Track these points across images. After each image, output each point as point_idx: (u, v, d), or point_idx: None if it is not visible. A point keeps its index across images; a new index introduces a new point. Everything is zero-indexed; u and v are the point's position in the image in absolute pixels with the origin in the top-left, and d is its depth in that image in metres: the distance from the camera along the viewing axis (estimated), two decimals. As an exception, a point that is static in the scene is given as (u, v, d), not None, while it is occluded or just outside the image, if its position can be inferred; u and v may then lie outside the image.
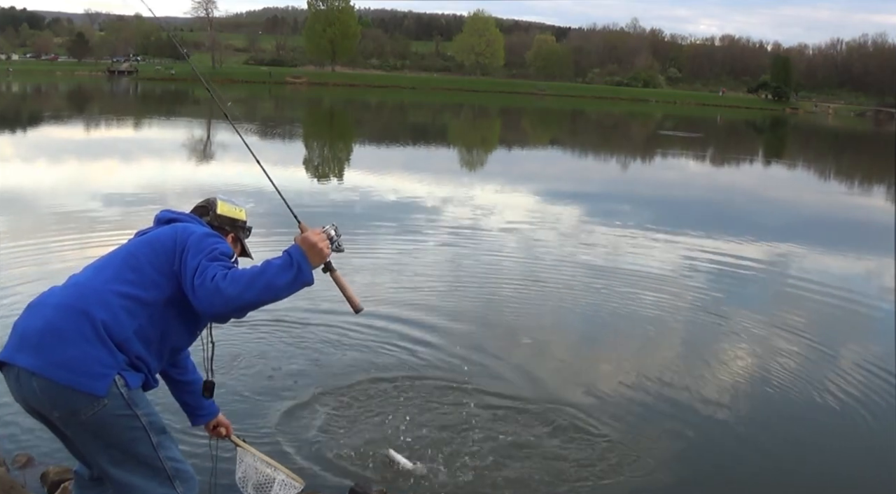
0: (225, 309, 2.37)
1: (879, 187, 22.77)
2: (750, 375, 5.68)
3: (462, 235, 10.29)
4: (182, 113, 38.32)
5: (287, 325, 6.00)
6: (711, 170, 25.46)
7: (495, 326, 6.49)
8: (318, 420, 4.45)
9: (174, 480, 2.55)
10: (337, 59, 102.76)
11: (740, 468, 4.28)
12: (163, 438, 2.55)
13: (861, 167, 30.98)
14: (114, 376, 2.39)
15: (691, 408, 5.00)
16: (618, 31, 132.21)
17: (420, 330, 6.13)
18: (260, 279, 2.34)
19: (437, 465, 4.02)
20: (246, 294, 2.33)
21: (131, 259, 2.55)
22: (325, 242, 2.44)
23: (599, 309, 7.18)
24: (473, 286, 7.70)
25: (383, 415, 4.55)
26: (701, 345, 6.35)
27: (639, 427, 4.65)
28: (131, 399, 2.44)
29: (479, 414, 4.63)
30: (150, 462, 2.50)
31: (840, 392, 5.39)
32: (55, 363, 2.34)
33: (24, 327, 2.43)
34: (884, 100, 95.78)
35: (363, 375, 5.14)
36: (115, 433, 2.44)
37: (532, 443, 4.33)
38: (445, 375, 5.23)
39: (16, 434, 4.07)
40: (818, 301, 7.93)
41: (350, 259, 8.36)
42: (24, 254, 7.82)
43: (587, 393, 5.09)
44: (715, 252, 10.05)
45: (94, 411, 2.38)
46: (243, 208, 2.93)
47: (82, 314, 2.38)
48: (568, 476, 4.01)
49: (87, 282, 2.50)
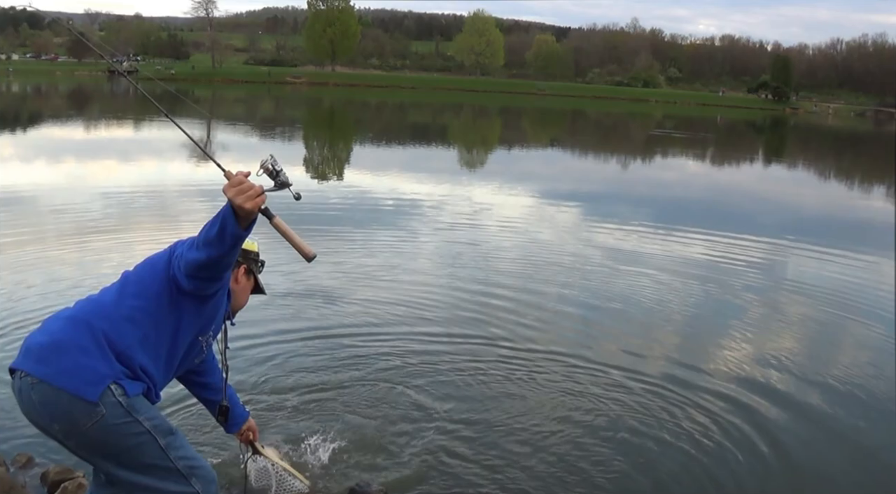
0: (188, 270, 2.42)
1: (879, 187, 22.77)
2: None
3: (497, 231, 10.29)
4: (182, 113, 38.31)
5: (287, 325, 6.01)
6: (711, 169, 25.46)
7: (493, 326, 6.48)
8: (318, 419, 4.45)
9: (190, 478, 2.56)
10: (337, 59, 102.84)
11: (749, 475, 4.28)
12: (171, 439, 2.55)
13: (861, 167, 30.98)
14: (108, 384, 2.40)
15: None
16: (618, 31, 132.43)
17: (428, 328, 6.13)
18: (199, 237, 2.37)
19: (436, 466, 4.02)
20: (193, 253, 2.38)
21: (133, 276, 2.63)
22: (249, 184, 2.23)
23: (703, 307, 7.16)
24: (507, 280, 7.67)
25: (384, 414, 4.55)
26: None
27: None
28: (131, 406, 2.44)
29: (479, 415, 4.63)
30: (162, 464, 2.51)
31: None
32: (51, 372, 2.38)
33: (31, 341, 2.50)
34: (884, 100, 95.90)
35: (365, 376, 5.14)
36: (119, 442, 2.44)
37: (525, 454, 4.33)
38: (446, 378, 5.23)
39: (16, 434, 4.06)
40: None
41: (359, 258, 8.37)
42: (22, 256, 7.81)
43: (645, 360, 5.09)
44: (713, 246, 10.06)
45: (93, 421, 2.38)
46: (255, 241, 2.91)
47: (84, 325, 2.44)
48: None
49: (95, 298, 2.59)
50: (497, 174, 19.21)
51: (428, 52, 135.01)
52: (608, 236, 10.87)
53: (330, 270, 7.73)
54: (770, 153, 35.52)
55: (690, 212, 14.25)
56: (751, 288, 8.23)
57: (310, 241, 2.57)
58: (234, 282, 2.83)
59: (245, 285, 2.89)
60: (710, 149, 34.29)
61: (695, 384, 5.33)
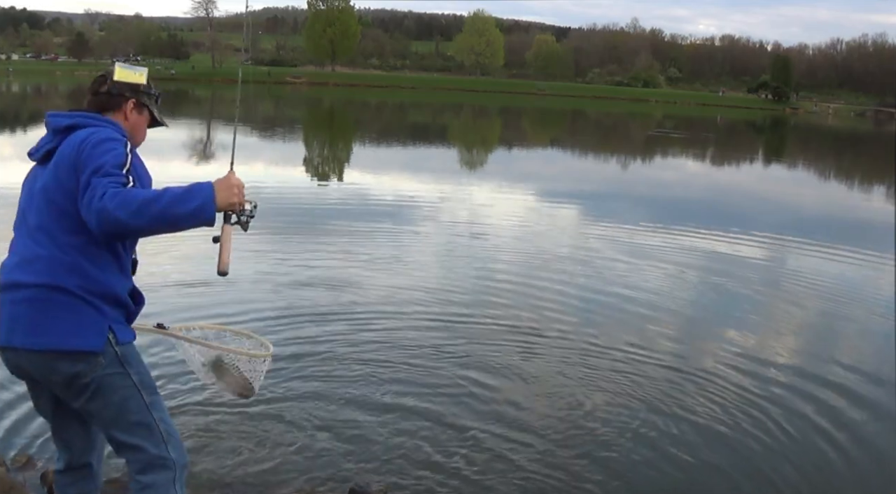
0: (116, 230, 2.21)
1: (879, 187, 22.76)
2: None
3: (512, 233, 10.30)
4: (182, 113, 38.30)
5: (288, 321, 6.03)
6: (711, 169, 25.46)
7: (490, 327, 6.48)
8: (317, 419, 4.45)
9: (167, 443, 2.51)
10: (337, 59, 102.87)
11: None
12: (155, 398, 2.53)
13: (861, 167, 30.98)
14: (106, 333, 2.37)
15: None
16: (618, 31, 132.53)
17: (430, 330, 6.13)
18: (153, 206, 2.17)
19: (435, 469, 4.02)
20: (135, 220, 2.16)
21: (53, 206, 2.38)
22: (242, 190, 2.37)
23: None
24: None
25: (383, 416, 4.55)
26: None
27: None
28: (123, 356, 2.43)
29: (478, 416, 4.63)
30: (145, 422, 2.48)
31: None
32: (50, 340, 2.33)
33: (9, 314, 2.38)
34: (884, 100, 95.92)
35: (367, 375, 5.13)
36: (110, 392, 2.42)
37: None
38: (446, 375, 5.23)
39: (16, 434, 4.06)
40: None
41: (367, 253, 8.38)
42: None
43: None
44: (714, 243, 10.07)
45: (93, 371, 2.37)
46: (144, 71, 2.67)
47: (58, 290, 2.32)
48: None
49: (39, 251, 2.37)
50: (497, 174, 19.21)
51: (428, 52, 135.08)
52: (634, 236, 10.86)
53: (349, 264, 7.84)
54: (770, 153, 35.52)
55: (690, 211, 14.25)
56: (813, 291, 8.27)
57: (318, 238, 2.57)
58: (124, 120, 2.60)
59: (137, 121, 2.65)
60: (710, 149, 34.29)
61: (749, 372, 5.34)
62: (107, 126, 2.49)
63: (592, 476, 3.99)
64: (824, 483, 4.15)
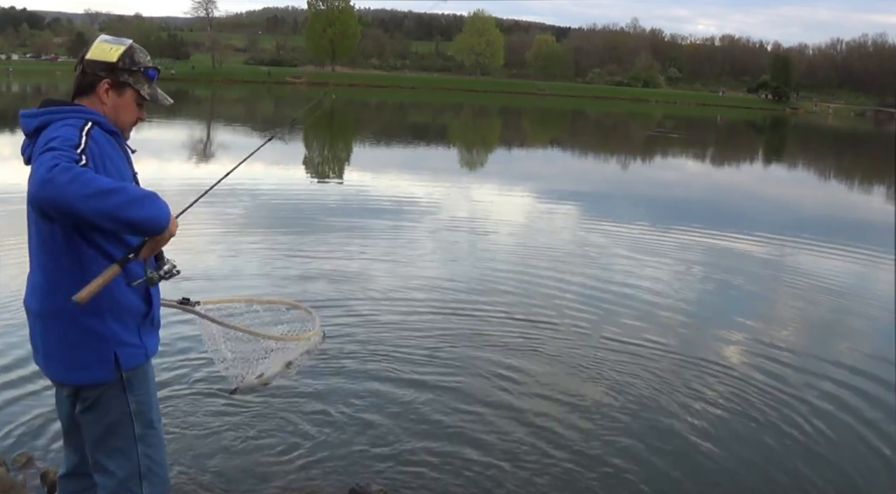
0: (54, 206, 2.02)
1: (879, 187, 22.75)
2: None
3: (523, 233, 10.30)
4: (183, 113, 38.28)
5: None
6: (711, 169, 25.46)
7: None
8: (318, 417, 4.45)
9: (144, 480, 2.44)
10: (337, 58, 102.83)
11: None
12: (148, 432, 2.46)
13: (861, 167, 30.96)
14: (112, 362, 2.36)
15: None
16: (618, 31, 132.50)
17: (431, 334, 6.13)
18: (111, 197, 2.01)
19: (435, 468, 4.02)
20: (84, 204, 1.98)
21: (36, 226, 2.42)
22: (176, 228, 2.25)
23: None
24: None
25: (383, 416, 4.55)
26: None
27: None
28: (128, 381, 2.41)
29: (477, 417, 4.63)
30: (126, 451, 2.42)
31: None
32: (59, 371, 2.41)
33: (31, 332, 2.49)
34: (884, 100, 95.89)
35: (367, 375, 5.13)
36: (104, 412, 2.41)
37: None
38: (449, 376, 5.23)
39: (16, 434, 4.06)
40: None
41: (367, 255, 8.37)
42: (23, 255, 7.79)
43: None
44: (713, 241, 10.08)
45: (97, 391, 2.40)
46: (122, 45, 2.40)
47: (60, 317, 2.34)
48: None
49: (38, 275, 2.44)
50: (497, 174, 19.21)
51: (428, 52, 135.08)
52: (640, 236, 10.87)
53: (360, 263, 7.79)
54: (770, 153, 35.50)
55: (691, 211, 14.26)
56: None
57: (319, 237, 2.56)
58: (101, 104, 2.39)
59: (117, 102, 2.40)
60: (710, 149, 34.27)
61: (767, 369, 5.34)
62: (70, 116, 2.29)
63: (628, 472, 3.99)
64: (859, 477, 4.18)
